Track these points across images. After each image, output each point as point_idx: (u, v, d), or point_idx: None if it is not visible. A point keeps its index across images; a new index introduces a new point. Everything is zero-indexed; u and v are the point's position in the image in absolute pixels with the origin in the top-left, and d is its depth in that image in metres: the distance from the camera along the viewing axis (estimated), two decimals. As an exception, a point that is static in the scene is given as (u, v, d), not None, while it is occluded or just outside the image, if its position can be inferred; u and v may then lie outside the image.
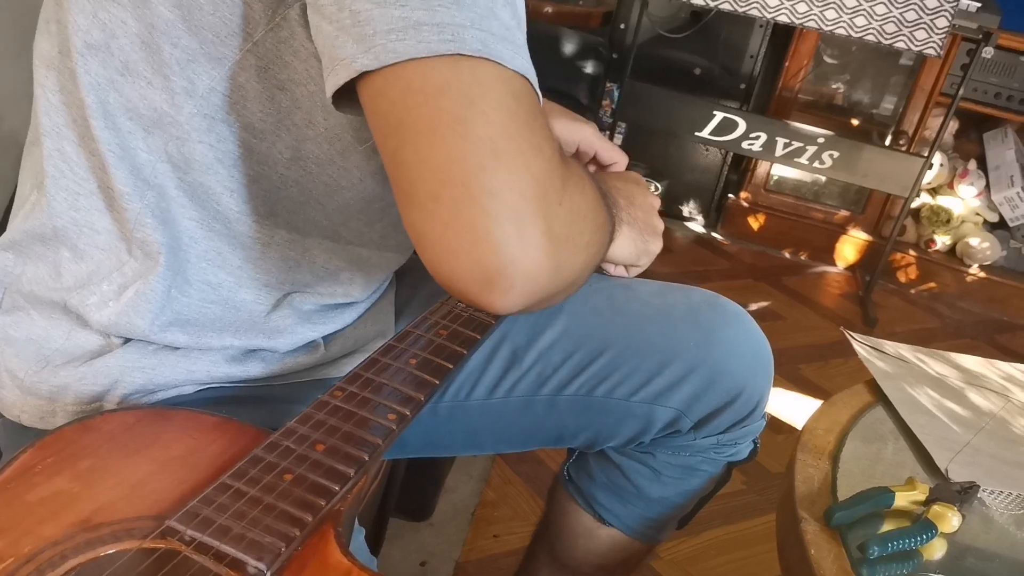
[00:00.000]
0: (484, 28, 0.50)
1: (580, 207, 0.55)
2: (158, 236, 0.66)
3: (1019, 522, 0.79)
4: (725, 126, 2.51)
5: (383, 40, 0.50)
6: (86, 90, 0.63)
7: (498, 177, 0.49)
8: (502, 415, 0.88)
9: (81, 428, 0.61)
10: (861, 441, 0.86)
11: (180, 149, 0.64)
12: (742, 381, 0.86)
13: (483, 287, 0.50)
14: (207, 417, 0.64)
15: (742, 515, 1.65)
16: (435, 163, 0.49)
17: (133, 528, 0.53)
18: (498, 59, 0.50)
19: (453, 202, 0.49)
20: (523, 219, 0.49)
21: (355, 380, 0.67)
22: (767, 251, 2.88)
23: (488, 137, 0.49)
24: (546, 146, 0.52)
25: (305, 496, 0.55)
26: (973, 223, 2.80)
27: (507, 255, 0.49)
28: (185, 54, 0.60)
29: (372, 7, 0.50)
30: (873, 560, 0.69)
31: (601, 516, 0.96)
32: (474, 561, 1.42)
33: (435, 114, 0.49)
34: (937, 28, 2.17)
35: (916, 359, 1.03)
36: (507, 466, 1.64)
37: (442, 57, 0.49)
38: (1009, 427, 0.94)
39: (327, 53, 0.53)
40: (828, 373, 2.22)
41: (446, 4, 0.50)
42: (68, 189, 0.66)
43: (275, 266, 0.70)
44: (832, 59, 2.83)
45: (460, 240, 0.49)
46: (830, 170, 2.53)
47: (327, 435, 0.60)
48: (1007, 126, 2.76)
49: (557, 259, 0.52)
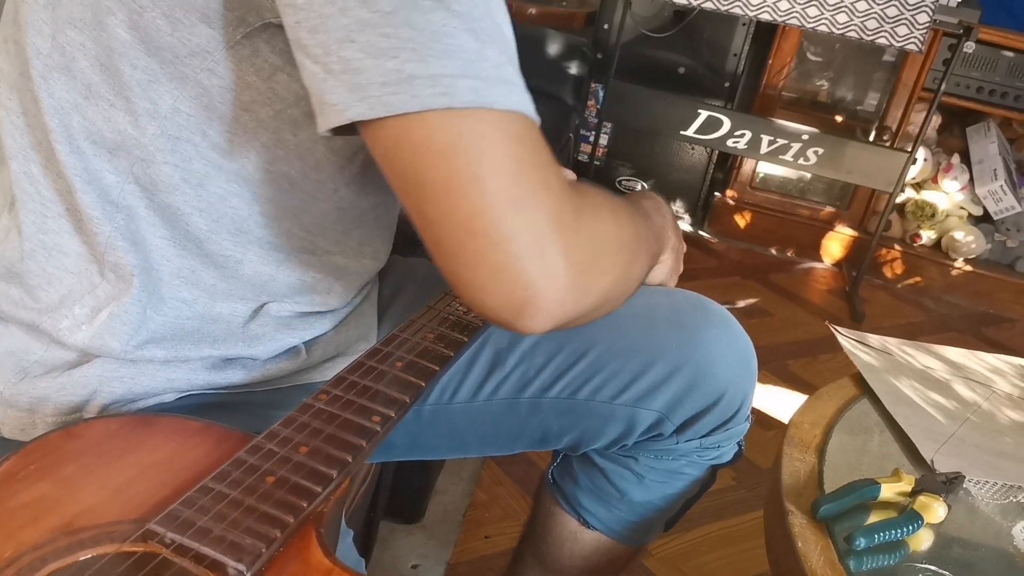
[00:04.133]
0: (475, 74, 0.52)
1: (598, 231, 0.59)
2: (130, 258, 0.65)
3: (1004, 511, 0.80)
4: (710, 124, 2.52)
5: (377, 92, 0.51)
6: (49, 114, 0.62)
7: (516, 222, 0.53)
8: (485, 417, 0.88)
9: (65, 435, 0.61)
10: (847, 434, 0.87)
11: (146, 171, 0.64)
12: (725, 383, 0.86)
13: (516, 317, 0.55)
14: (191, 422, 0.64)
15: (732, 511, 1.66)
16: (458, 219, 0.53)
17: (113, 531, 0.53)
18: (492, 105, 0.53)
19: (479, 250, 0.53)
20: (544, 253, 0.54)
21: (340, 383, 0.66)
22: (754, 248, 2.89)
23: (502, 188, 0.53)
24: (553, 180, 0.55)
25: (287, 498, 0.55)
26: (958, 217, 2.81)
27: (533, 287, 0.54)
28: (146, 75, 0.60)
29: (363, 56, 0.51)
30: (860, 551, 0.70)
31: (585, 520, 0.96)
32: (465, 562, 1.42)
33: (450, 175, 0.52)
34: (918, 24, 2.18)
35: (901, 352, 1.04)
36: (497, 467, 1.64)
37: (439, 112, 0.52)
38: (993, 417, 0.95)
39: (315, 93, 0.54)
40: (816, 368, 2.22)
41: (436, 54, 0.51)
42: (36, 212, 0.66)
43: (250, 280, 0.70)
44: (815, 56, 2.84)
45: (490, 280, 0.54)
46: (815, 167, 2.54)
47: (310, 437, 0.60)
48: (989, 120, 2.77)
49: (581, 283, 0.56)
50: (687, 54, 2.74)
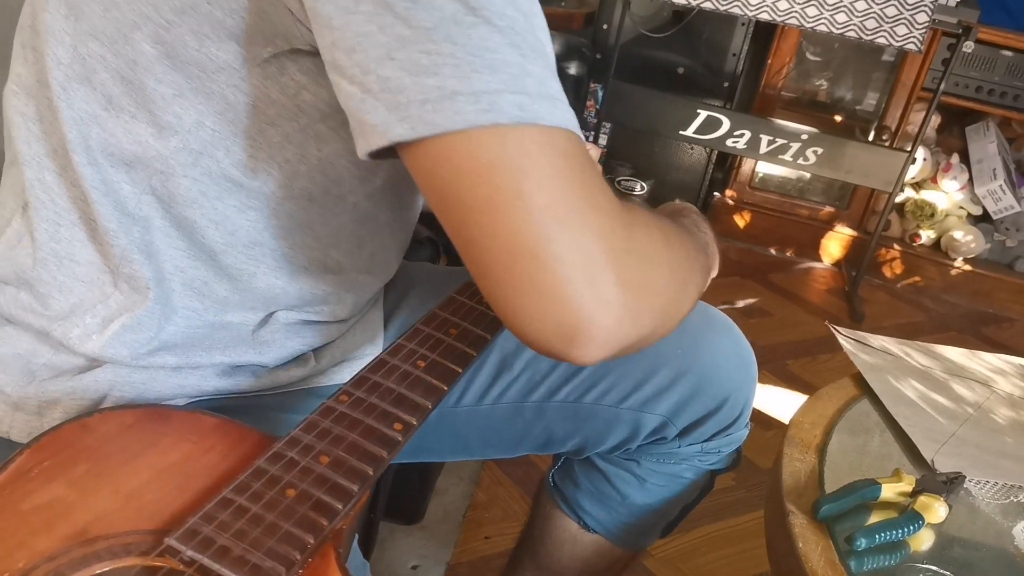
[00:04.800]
0: (519, 89, 0.50)
1: (649, 251, 0.56)
2: (146, 271, 0.65)
3: (1005, 511, 0.80)
4: (709, 124, 2.52)
5: (418, 111, 0.49)
6: (68, 124, 0.62)
7: (563, 242, 0.50)
8: (491, 421, 0.87)
9: (79, 428, 0.59)
10: (847, 434, 0.86)
11: (164, 184, 0.63)
12: (727, 389, 0.87)
13: (567, 345, 0.52)
14: (207, 419, 0.62)
15: (732, 511, 1.66)
16: (502, 238, 0.50)
17: (130, 543, 0.52)
18: (538, 120, 0.50)
19: (525, 271, 0.50)
20: (594, 275, 0.51)
21: (362, 384, 0.64)
22: (753, 248, 2.89)
23: (547, 206, 0.50)
24: (602, 198, 0.53)
25: (308, 515, 0.54)
26: (957, 217, 2.81)
27: (584, 313, 0.51)
28: (171, 89, 0.59)
29: (403, 75, 0.49)
30: (860, 552, 0.70)
31: (585, 523, 0.97)
32: (466, 563, 1.42)
33: (493, 192, 0.50)
34: (917, 23, 2.18)
35: (901, 352, 1.04)
36: (497, 468, 1.64)
37: (482, 128, 0.49)
38: (994, 417, 0.95)
39: (354, 114, 0.52)
40: (815, 369, 2.22)
41: (479, 69, 0.49)
42: (49, 220, 0.65)
43: (262, 292, 0.70)
44: (814, 56, 2.84)
45: (537, 305, 0.51)
46: (814, 166, 2.54)
47: (332, 445, 0.59)
48: (988, 120, 2.77)
49: (633, 307, 0.53)
50: (686, 54, 2.74)
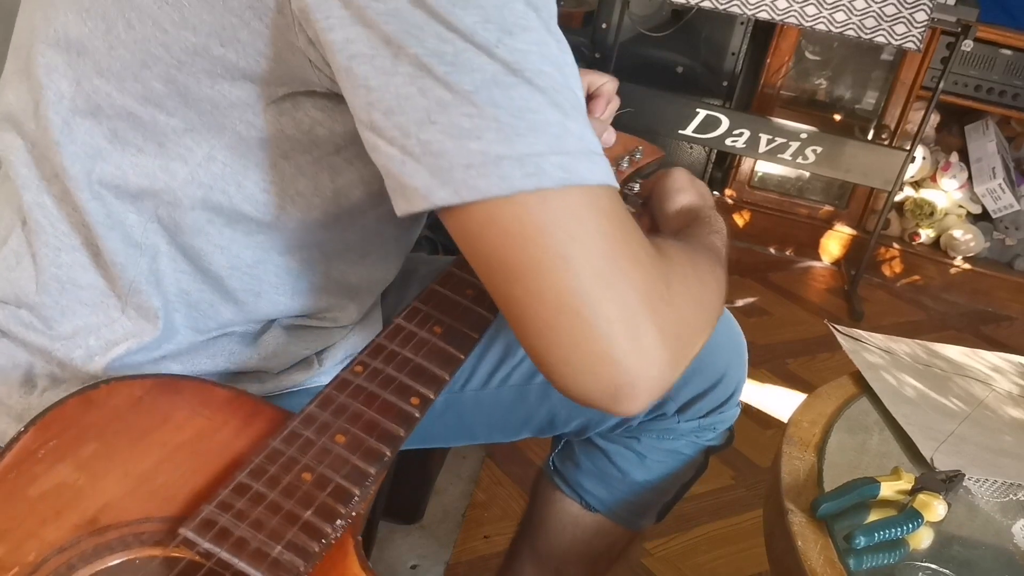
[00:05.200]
0: (562, 150, 0.50)
1: (685, 298, 0.57)
2: (155, 301, 0.64)
3: (1004, 510, 0.80)
4: (708, 123, 2.52)
5: (462, 175, 0.49)
6: (69, 159, 0.60)
7: (607, 301, 0.51)
8: (496, 404, 0.88)
9: (84, 402, 0.57)
10: (846, 432, 0.86)
11: (171, 214, 0.62)
12: (723, 367, 0.90)
13: (611, 400, 0.53)
14: (218, 391, 0.60)
15: (731, 510, 1.66)
16: (548, 300, 0.51)
17: (142, 532, 0.51)
18: (582, 181, 0.51)
19: (570, 331, 0.51)
20: (637, 332, 0.51)
21: (378, 353, 0.62)
22: (753, 247, 2.88)
23: (592, 267, 0.50)
24: (641, 252, 0.53)
25: (325, 502, 0.52)
26: (956, 215, 2.81)
27: (628, 369, 0.51)
28: (183, 123, 0.58)
29: (445, 138, 0.49)
30: (860, 550, 0.70)
31: (587, 502, 0.97)
32: (465, 562, 1.42)
33: (540, 255, 0.50)
34: (916, 22, 2.18)
35: (900, 350, 1.03)
36: (496, 467, 1.64)
37: (528, 193, 0.49)
38: (993, 416, 0.95)
39: (393, 175, 0.51)
40: (815, 367, 2.22)
41: (522, 131, 0.49)
42: (49, 245, 0.64)
43: (265, 309, 0.69)
44: (813, 55, 2.84)
45: (583, 364, 0.51)
46: (813, 165, 2.54)
47: (348, 423, 0.57)
48: (988, 118, 2.77)
49: (674, 356, 0.54)
50: (685, 53, 2.74)
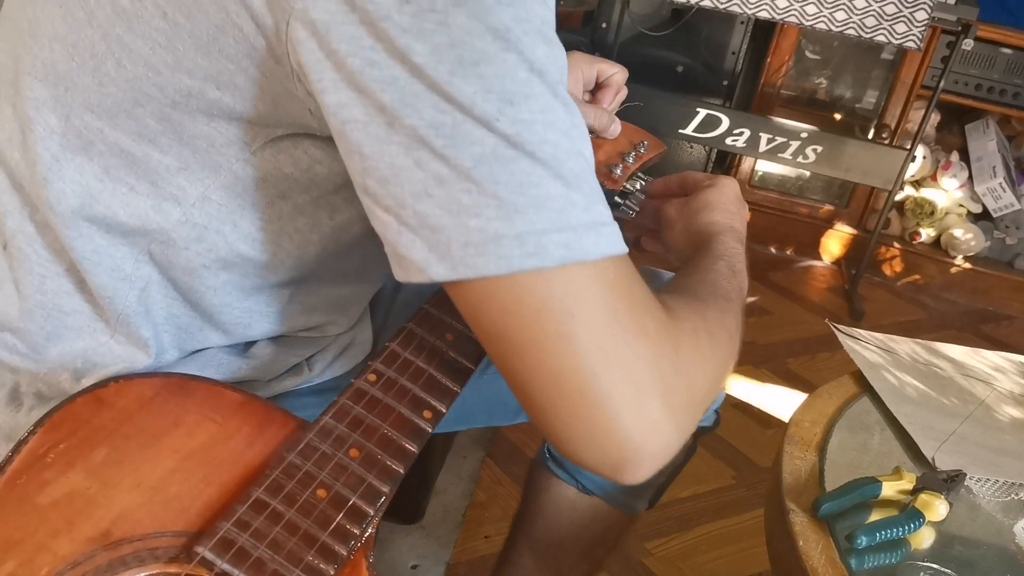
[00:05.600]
0: (564, 225, 0.48)
1: (696, 364, 0.55)
2: (144, 331, 0.63)
3: (1005, 509, 0.80)
4: (708, 123, 2.52)
5: (460, 252, 0.48)
6: (56, 197, 0.58)
7: (611, 379, 0.49)
8: (495, 389, 0.88)
9: (94, 401, 0.56)
10: (848, 432, 0.86)
11: (164, 252, 0.61)
12: None
13: (615, 471, 0.52)
14: (229, 394, 0.60)
15: (732, 510, 1.65)
16: (549, 377, 0.49)
17: (157, 548, 0.50)
18: (585, 258, 0.49)
19: (573, 408, 0.50)
20: (642, 406, 0.50)
21: (393, 360, 0.61)
22: (753, 247, 2.86)
23: (595, 344, 0.49)
24: (648, 321, 0.52)
25: (342, 524, 0.52)
26: (957, 215, 2.81)
27: (632, 444, 0.50)
28: (177, 162, 0.57)
29: (442, 214, 0.47)
30: (861, 550, 0.69)
31: (585, 486, 0.97)
32: (465, 562, 1.42)
33: (540, 335, 0.49)
34: (916, 21, 2.18)
35: (901, 350, 1.03)
36: (496, 466, 1.64)
37: (528, 273, 0.48)
38: (995, 415, 0.94)
39: (390, 244, 0.50)
40: (815, 367, 2.22)
41: (522, 208, 0.47)
42: (34, 272, 0.62)
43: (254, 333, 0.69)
44: (813, 54, 2.84)
45: (586, 438, 0.50)
46: (814, 165, 2.54)
47: (363, 437, 0.57)
48: (988, 117, 2.77)
49: (681, 424, 0.52)
50: (685, 52, 2.73)
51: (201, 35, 0.52)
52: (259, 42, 0.51)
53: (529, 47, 0.48)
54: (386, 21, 0.46)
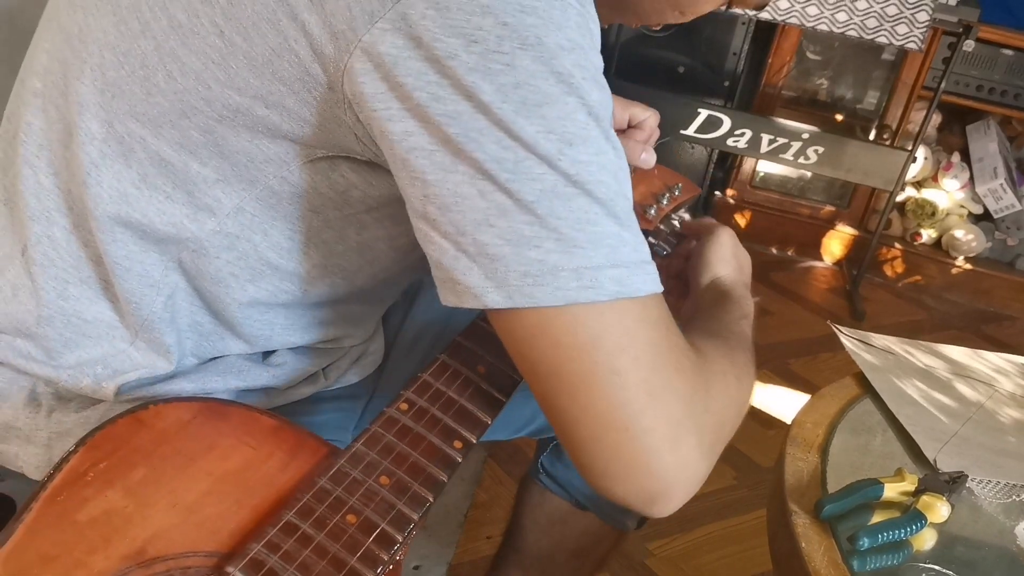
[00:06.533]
0: (618, 262, 0.50)
1: (724, 400, 0.58)
2: (168, 338, 0.64)
3: (1007, 510, 0.80)
4: (710, 124, 2.52)
5: (517, 282, 0.49)
6: (94, 201, 0.59)
7: (653, 414, 0.51)
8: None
9: (134, 422, 0.57)
10: (850, 433, 0.86)
11: (195, 261, 0.62)
12: None
13: (648, 505, 0.54)
14: (264, 419, 0.61)
15: (734, 511, 1.65)
16: (595, 412, 0.51)
17: (188, 567, 0.51)
18: (635, 294, 0.51)
19: (615, 443, 0.51)
20: (678, 443, 0.52)
21: (425, 391, 0.62)
22: (754, 247, 2.88)
23: (642, 380, 0.51)
24: (684, 360, 0.54)
25: (370, 549, 0.53)
26: (958, 215, 2.81)
27: (667, 479, 0.52)
28: (215, 174, 0.58)
29: (502, 244, 0.49)
30: (863, 551, 0.69)
31: (578, 500, 0.97)
32: (467, 563, 1.42)
33: (591, 369, 0.50)
34: (918, 22, 2.18)
35: (903, 351, 1.03)
36: (498, 467, 1.64)
37: (582, 305, 0.50)
38: (996, 416, 0.94)
39: (444, 269, 0.51)
40: (817, 367, 2.22)
41: (581, 243, 0.49)
42: (57, 278, 0.63)
43: (273, 344, 0.70)
44: (815, 55, 2.84)
45: (624, 473, 0.52)
46: (815, 165, 2.54)
47: (394, 464, 0.57)
48: (989, 118, 2.77)
49: (709, 459, 0.55)
50: (686, 53, 2.73)
51: (256, 56, 0.52)
52: (315, 69, 0.52)
53: (588, 92, 0.50)
54: (453, 60, 0.48)
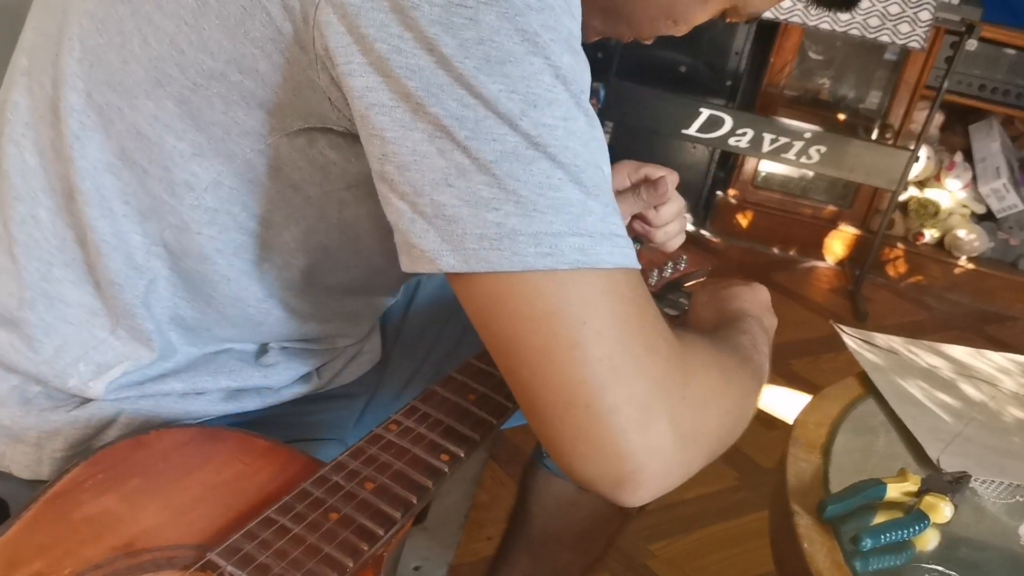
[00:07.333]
0: (581, 231, 0.48)
1: (705, 395, 0.55)
2: (148, 324, 0.63)
3: (1011, 511, 0.79)
4: (712, 123, 2.51)
5: (474, 245, 0.48)
6: (80, 175, 0.59)
7: (618, 392, 0.49)
8: None
9: (134, 444, 0.60)
10: (852, 434, 0.86)
11: (178, 237, 0.61)
12: None
13: (614, 488, 0.51)
14: (259, 441, 0.63)
15: (736, 511, 1.65)
16: (556, 387, 0.49)
17: (173, 557, 0.53)
18: (599, 265, 0.49)
19: (578, 421, 0.49)
20: (647, 425, 0.50)
21: (412, 414, 0.63)
22: (756, 247, 2.88)
23: (605, 355, 0.49)
24: (659, 342, 0.51)
25: (349, 539, 0.53)
26: (960, 215, 2.80)
27: (635, 462, 0.50)
28: (191, 148, 0.57)
29: (460, 204, 0.47)
30: (866, 552, 0.69)
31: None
32: (468, 564, 1.42)
33: (549, 341, 0.48)
34: (920, 21, 2.18)
35: (906, 351, 1.03)
36: (499, 468, 1.64)
37: (540, 273, 0.48)
38: (999, 416, 0.94)
39: (402, 232, 0.50)
40: (819, 368, 2.22)
41: (541, 208, 0.47)
42: (41, 259, 0.62)
43: (267, 334, 0.69)
44: (817, 54, 2.83)
45: (588, 452, 0.50)
46: (817, 165, 2.53)
47: (378, 472, 0.58)
48: (992, 118, 2.77)
49: (684, 455, 0.52)
50: (688, 53, 2.73)
51: (228, 16, 0.52)
52: (286, 27, 0.51)
53: (556, 54, 0.48)
54: (416, 11, 0.46)
